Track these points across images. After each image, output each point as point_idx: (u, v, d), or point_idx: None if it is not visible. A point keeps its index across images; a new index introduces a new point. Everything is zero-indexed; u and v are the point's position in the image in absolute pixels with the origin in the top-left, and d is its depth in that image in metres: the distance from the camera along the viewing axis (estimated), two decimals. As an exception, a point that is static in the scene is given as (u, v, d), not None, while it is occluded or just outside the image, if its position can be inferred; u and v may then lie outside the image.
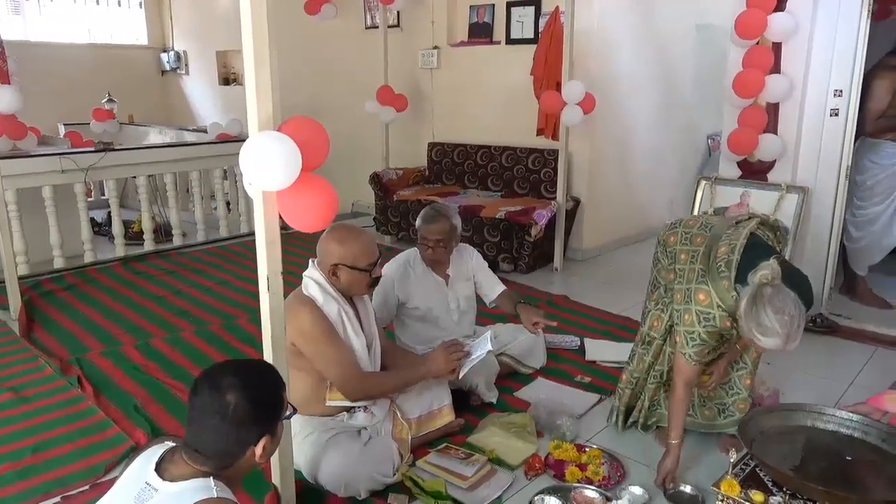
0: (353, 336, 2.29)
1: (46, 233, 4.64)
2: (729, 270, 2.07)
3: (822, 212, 3.73)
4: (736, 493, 1.99)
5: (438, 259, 2.88)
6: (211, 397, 1.31)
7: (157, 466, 1.31)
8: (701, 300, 2.11)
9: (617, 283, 4.50)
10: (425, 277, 2.90)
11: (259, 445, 1.35)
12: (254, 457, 1.37)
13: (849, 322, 3.71)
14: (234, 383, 1.32)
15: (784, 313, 1.87)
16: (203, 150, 5.53)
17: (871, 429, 2.22)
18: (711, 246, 2.18)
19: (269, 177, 1.71)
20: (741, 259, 2.08)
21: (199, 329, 3.66)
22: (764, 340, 1.91)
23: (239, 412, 1.30)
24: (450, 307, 2.92)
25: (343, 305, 2.28)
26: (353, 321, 2.30)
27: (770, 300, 1.88)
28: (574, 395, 2.92)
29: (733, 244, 2.12)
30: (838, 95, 3.57)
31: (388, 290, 2.84)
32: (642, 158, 5.47)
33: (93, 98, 6.90)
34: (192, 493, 1.25)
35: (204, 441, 1.32)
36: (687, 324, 2.14)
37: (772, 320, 1.87)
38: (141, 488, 1.27)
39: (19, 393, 2.92)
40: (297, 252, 2.76)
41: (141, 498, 1.26)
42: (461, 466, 2.28)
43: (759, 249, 2.13)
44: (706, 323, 2.11)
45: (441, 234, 2.81)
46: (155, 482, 1.27)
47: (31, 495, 2.22)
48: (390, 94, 5.61)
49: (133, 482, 1.31)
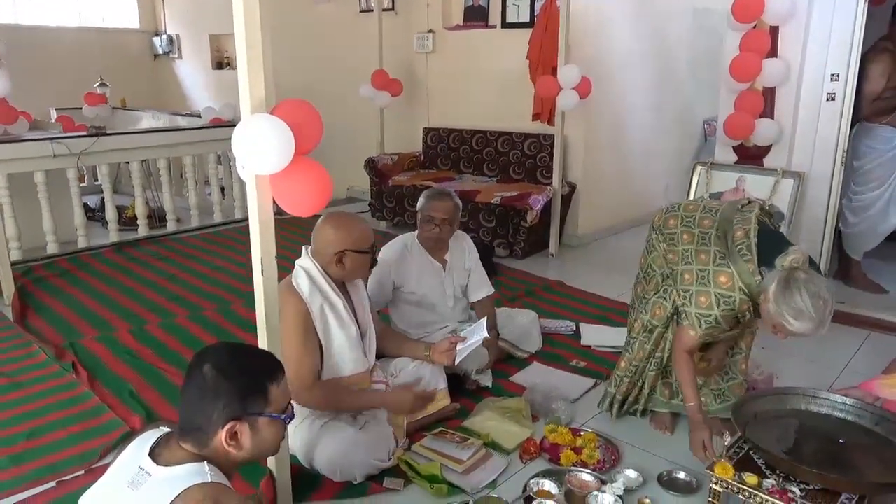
0: (335, 329, 2.26)
1: (39, 218, 4.61)
2: (751, 254, 2.07)
3: (818, 197, 3.72)
4: (730, 475, 2.00)
5: (442, 239, 2.87)
6: (192, 369, 1.34)
7: (152, 451, 1.30)
8: (722, 283, 2.11)
9: (612, 268, 4.51)
10: (422, 262, 2.89)
11: (224, 430, 1.29)
12: (223, 444, 1.30)
13: (843, 307, 3.71)
14: (212, 357, 1.34)
15: (819, 298, 1.88)
16: (196, 134, 5.48)
17: (864, 412, 2.23)
18: (727, 229, 2.17)
19: (261, 160, 1.69)
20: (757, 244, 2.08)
21: (194, 314, 3.65)
22: (796, 325, 1.91)
23: (206, 384, 1.30)
24: (445, 293, 2.92)
25: (330, 299, 2.26)
26: (340, 313, 2.27)
27: (806, 284, 1.89)
28: (569, 379, 2.93)
29: (747, 228, 2.12)
30: (835, 80, 3.56)
31: (385, 274, 2.83)
32: (638, 144, 5.46)
33: (85, 82, 6.84)
34: (186, 477, 1.23)
35: (184, 416, 1.32)
36: (703, 306, 2.13)
37: (807, 305, 1.88)
38: (135, 473, 1.26)
39: (13, 379, 2.91)
40: (291, 238, 2.74)
41: (135, 483, 1.25)
42: (456, 450, 2.29)
43: (772, 234, 2.13)
44: (725, 306, 2.10)
45: (447, 213, 2.81)
46: (149, 467, 1.26)
47: (25, 480, 2.22)
48: (385, 79, 5.57)
49: (127, 467, 1.30)
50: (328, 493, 2.15)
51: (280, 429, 1.40)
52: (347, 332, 2.28)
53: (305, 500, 2.11)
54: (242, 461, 1.35)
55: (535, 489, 2.12)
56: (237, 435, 1.30)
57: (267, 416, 1.34)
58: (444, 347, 2.45)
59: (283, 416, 1.38)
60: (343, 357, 2.28)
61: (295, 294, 2.21)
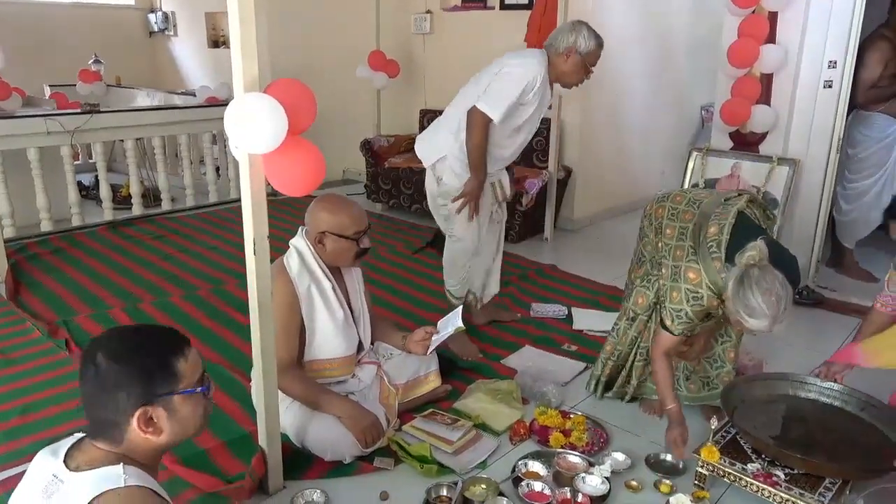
0: (320, 311, 2.25)
1: (33, 196, 4.59)
2: (720, 251, 2.07)
3: (813, 184, 3.73)
4: (715, 459, 2.03)
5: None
6: (84, 363, 1.22)
7: (67, 456, 1.21)
8: (691, 279, 2.11)
9: (607, 252, 4.52)
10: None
11: (135, 418, 1.19)
12: (138, 432, 1.20)
13: (834, 295, 3.74)
14: (103, 346, 1.22)
15: (771, 294, 1.87)
16: (191, 113, 5.44)
17: (850, 398, 2.26)
18: (701, 224, 2.17)
19: (254, 139, 1.69)
20: (730, 239, 2.07)
21: (188, 294, 3.65)
22: (751, 322, 1.91)
23: (102, 375, 1.19)
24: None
25: (318, 280, 2.26)
26: (327, 296, 2.26)
27: (757, 282, 1.89)
28: (560, 363, 2.94)
29: (722, 224, 2.11)
30: (832, 67, 3.55)
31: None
32: (635, 128, 5.44)
33: (80, 59, 6.77)
34: (98, 482, 1.14)
35: (88, 414, 1.23)
36: (675, 301, 2.14)
37: (759, 302, 1.87)
38: (48, 481, 1.18)
39: (7, 355, 2.92)
40: (286, 218, 2.74)
41: (48, 491, 1.17)
42: (447, 431, 2.31)
43: (747, 229, 2.12)
44: (694, 302, 2.11)
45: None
46: (61, 473, 1.18)
47: (18, 456, 2.23)
48: (382, 60, 5.53)
49: (40, 475, 1.21)
50: (319, 472, 2.17)
51: (199, 402, 1.28)
52: (333, 314, 2.27)
53: (296, 479, 2.13)
54: (167, 445, 1.26)
55: (524, 470, 2.14)
56: (153, 420, 1.21)
57: (180, 394, 1.23)
58: (418, 337, 2.43)
59: (200, 388, 1.27)
60: (326, 339, 2.28)
61: (284, 274, 2.21)
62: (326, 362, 2.30)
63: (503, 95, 2.72)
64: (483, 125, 2.73)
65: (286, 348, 2.19)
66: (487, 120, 2.72)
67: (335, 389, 2.32)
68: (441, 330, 2.38)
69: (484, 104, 2.71)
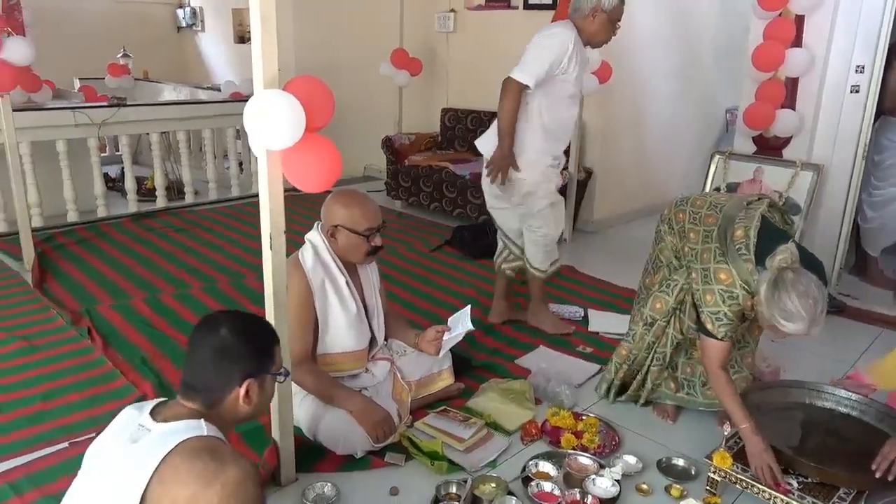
0: (334, 305, 2.27)
1: (60, 186, 4.69)
2: (749, 253, 2.05)
3: (837, 190, 3.67)
4: (727, 465, 2.02)
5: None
6: (206, 332, 1.43)
7: (151, 412, 1.37)
8: (722, 279, 2.09)
9: (625, 256, 4.48)
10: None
11: (243, 388, 1.40)
12: (238, 399, 1.41)
13: (857, 303, 3.68)
14: (227, 322, 1.44)
15: (808, 297, 1.85)
16: (216, 108, 5.52)
17: (868, 408, 2.23)
18: (727, 227, 2.15)
19: (272, 135, 1.71)
20: (756, 242, 2.05)
21: (208, 286, 3.71)
22: (788, 326, 1.88)
23: (227, 346, 1.40)
24: None
25: (333, 275, 2.27)
26: (341, 290, 2.28)
27: (793, 284, 1.86)
28: (575, 364, 2.94)
29: (748, 227, 2.09)
30: (860, 71, 3.50)
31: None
32: (658, 131, 5.40)
33: (108, 53, 6.88)
34: (182, 431, 1.31)
35: (195, 374, 1.41)
36: (710, 304, 2.10)
37: (796, 305, 1.84)
38: (135, 429, 1.34)
39: (31, 342, 2.98)
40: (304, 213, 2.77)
41: (134, 437, 1.32)
42: (458, 429, 2.32)
43: (772, 233, 2.10)
44: (731, 301, 2.08)
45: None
46: (148, 423, 1.34)
47: (40, 440, 2.29)
48: (405, 58, 5.55)
49: (127, 425, 1.37)
50: (330, 465, 2.19)
51: (274, 386, 1.54)
52: (347, 309, 2.29)
53: (308, 471, 2.15)
54: (246, 417, 1.46)
55: (534, 470, 2.15)
56: (249, 392, 1.42)
57: (272, 375, 1.49)
58: (430, 337, 2.44)
59: (283, 373, 1.52)
60: (339, 333, 2.30)
61: (299, 268, 2.23)
62: (339, 356, 2.32)
63: (535, 62, 2.79)
64: (515, 92, 2.80)
65: (300, 342, 2.21)
66: (520, 87, 2.79)
67: (348, 384, 2.34)
68: (452, 328, 2.39)
69: (516, 72, 2.80)
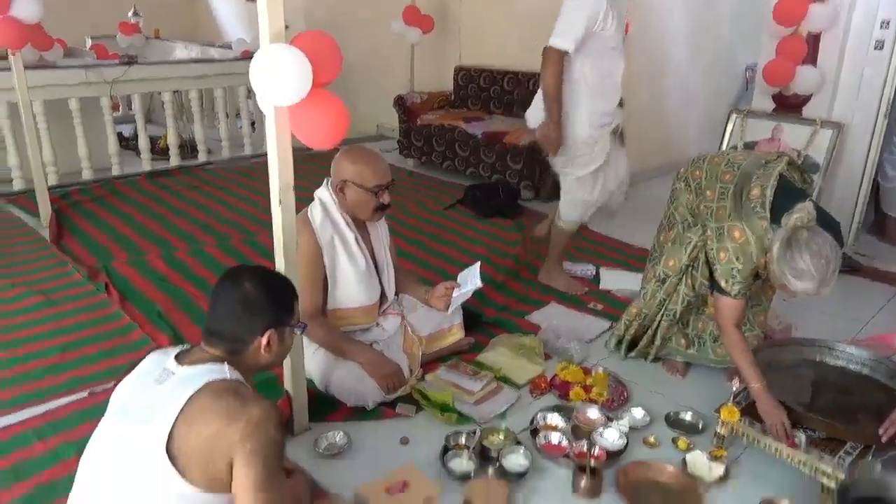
0: (343, 260, 2.28)
1: (74, 145, 4.71)
2: (764, 211, 2.03)
3: (857, 149, 3.61)
4: (735, 419, 2.03)
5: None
6: (230, 284, 1.51)
7: (177, 356, 1.44)
8: (736, 237, 2.08)
9: (638, 214, 4.43)
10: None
11: (264, 337, 1.48)
12: (259, 349, 1.48)
13: (873, 262, 3.65)
14: (250, 276, 1.52)
15: (821, 257, 1.83)
16: (227, 66, 5.48)
17: (879, 366, 2.23)
18: (743, 185, 2.13)
19: (278, 91, 1.69)
20: (773, 201, 2.03)
21: (221, 242, 3.74)
22: (797, 284, 1.87)
23: (251, 297, 1.48)
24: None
25: (341, 230, 2.28)
26: (349, 246, 2.29)
27: (807, 243, 1.85)
28: (585, 320, 2.95)
29: (764, 185, 2.06)
30: (885, 27, 3.40)
31: None
32: (675, 89, 5.30)
33: (119, 11, 6.83)
34: (206, 373, 1.38)
35: (220, 323, 1.48)
36: (724, 262, 2.10)
37: (808, 264, 1.83)
38: (160, 372, 1.41)
39: (49, 296, 3.03)
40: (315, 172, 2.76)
41: (160, 379, 1.39)
42: (468, 381, 2.35)
43: (789, 192, 2.07)
44: (744, 258, 2.07)
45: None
46: (173, 367, 1.41)
47: (59, 390, 2.35)
48: (417, 15, 5.46)
49: (152, 369, 1.44)
50: (342, 416, 2.23)
51: (292, 339, 1.62)
52: (356, 264, 2.30)
53: (320, 421, 2.20)
54: (266, 365, 1.55)
55: (543, 423, 2.17)
56: (270, 342, 1.49)
57: (291, 327, 1.57)
58: (439, 293, 2.43)
59: (301, 326, 1.62)
60: (349, 288, 2.31)
61: (308, 225, 2.24)
62: (349, 311, 2.35)
63: (571, 25, 2.72)
64: (556, 61, 2.75)
65: (310, 297, 2.23)
66: (560, 55, 2.73)
67: (359, 338, 2.37)
68: (462, 285, 2.40)
69: (554, 38, 2.74)
